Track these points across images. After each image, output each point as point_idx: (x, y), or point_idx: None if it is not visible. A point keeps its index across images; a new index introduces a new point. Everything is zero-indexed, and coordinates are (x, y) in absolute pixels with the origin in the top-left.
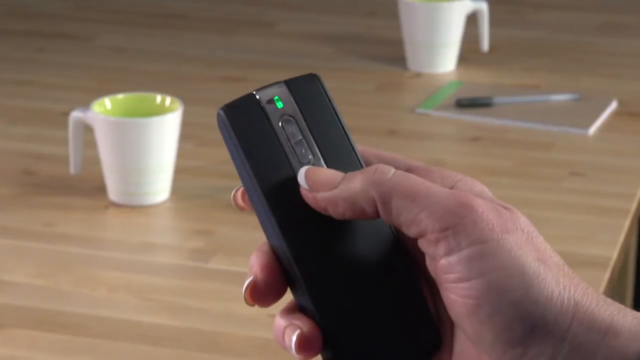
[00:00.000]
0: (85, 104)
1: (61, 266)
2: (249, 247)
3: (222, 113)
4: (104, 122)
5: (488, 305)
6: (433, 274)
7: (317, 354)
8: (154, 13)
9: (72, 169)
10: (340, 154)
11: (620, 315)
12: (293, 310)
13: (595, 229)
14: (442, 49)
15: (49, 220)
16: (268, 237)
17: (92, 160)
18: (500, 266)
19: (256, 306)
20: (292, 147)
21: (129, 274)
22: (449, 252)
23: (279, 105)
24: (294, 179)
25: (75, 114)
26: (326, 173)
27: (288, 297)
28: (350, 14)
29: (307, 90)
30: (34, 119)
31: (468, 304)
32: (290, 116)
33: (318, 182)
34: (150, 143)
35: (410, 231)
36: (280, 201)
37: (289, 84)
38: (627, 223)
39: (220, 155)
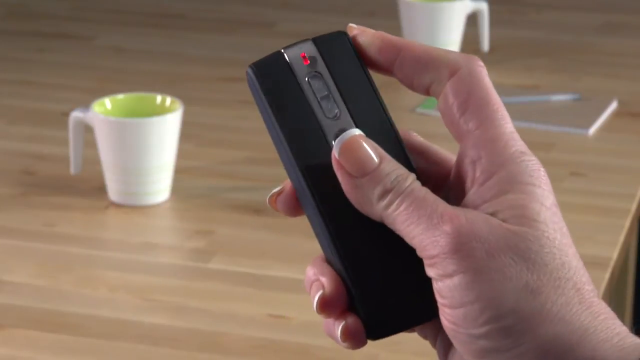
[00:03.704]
0: (85, 104)
1: (61, 266)
2: (249, 247)
3: (250, 72)
4: (104, 122)
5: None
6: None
7: (337, 316)
8: (154, 13)
9: (72, 169)
10: (367, 109)
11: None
12: (323, 260)
13: (595, 229)
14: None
15: (49, 220)
16: (298, 195)
17: (92, 160)
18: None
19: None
20: (319, 101)
21: (129, 274)
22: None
23: (306, 61)
24: (321, 134)
25: (75, 114)
26: (361, 155)
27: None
28: (350, 14)
29: (334, 47)
30: (34, 119)
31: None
32: (316, 72)
33: (350, 161)
34: (150, 143)
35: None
36: (307, 156)
37: (316, 41)
38: (627, 223)
39: (220, 155)
